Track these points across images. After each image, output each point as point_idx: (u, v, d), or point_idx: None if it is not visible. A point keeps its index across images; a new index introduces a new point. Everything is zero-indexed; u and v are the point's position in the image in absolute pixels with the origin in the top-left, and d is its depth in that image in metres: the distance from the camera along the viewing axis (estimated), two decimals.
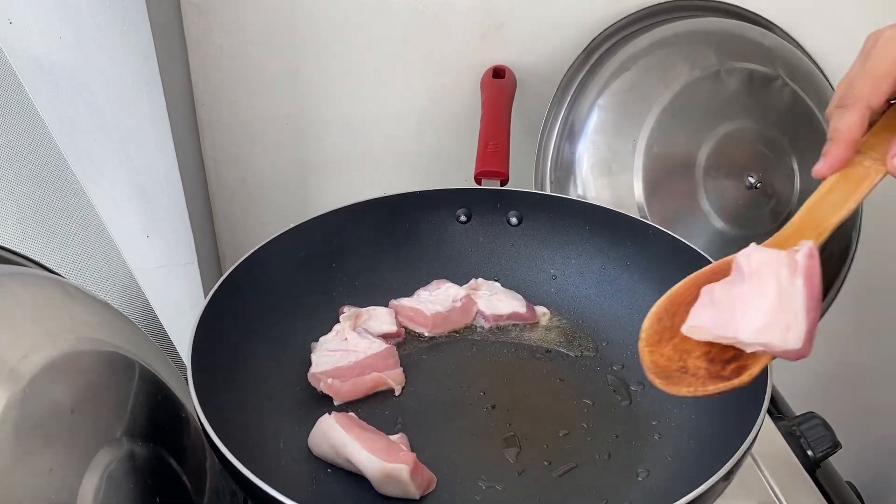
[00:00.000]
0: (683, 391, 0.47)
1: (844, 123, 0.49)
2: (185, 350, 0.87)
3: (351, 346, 0.67)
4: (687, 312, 0.48)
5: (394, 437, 0.60)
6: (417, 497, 0.56)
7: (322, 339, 0.69)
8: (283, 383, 0.66)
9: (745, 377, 0.46)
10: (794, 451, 0.69)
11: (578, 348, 0.71)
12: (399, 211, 0.78)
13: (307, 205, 1.02)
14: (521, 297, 0.75)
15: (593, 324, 0.74)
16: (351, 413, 0.63)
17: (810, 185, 0.90)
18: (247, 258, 0.68)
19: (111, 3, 0.77)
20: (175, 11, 0.87)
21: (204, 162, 0.97)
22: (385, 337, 0.71)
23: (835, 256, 0.95)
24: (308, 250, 0.73)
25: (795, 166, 0.89)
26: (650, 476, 0.59)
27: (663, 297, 0.51)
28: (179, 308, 0.95)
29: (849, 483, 0.75)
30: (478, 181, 0.80)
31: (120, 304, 0.79)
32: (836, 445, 0.68)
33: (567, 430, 0.63)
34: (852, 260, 0.98)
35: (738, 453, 0.50)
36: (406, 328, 0.73)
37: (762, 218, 0.88)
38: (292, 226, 0.73)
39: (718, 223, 0.86)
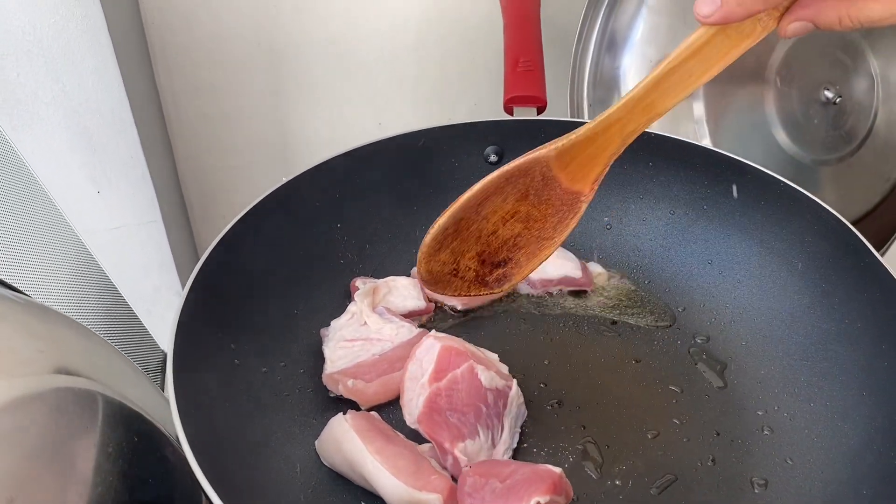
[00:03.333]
0: (448, 293, 0.49)
1: None
2: (154, 326, 0.74)
3: (373, 334, 0.53)
4: (479, 214, 0.48)
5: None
6: None
7: (334, 324, 0.55)
8: (293, 387, 0.52)
9: (506, 286, 0.49)
10: None
11: (650, 317, 0.58)
12: (415, 154, 0.63)
13: (286, 141, 0.86)
14: (572, 255, 0.61)
15: (663, 284, 0.61)
16: (373, 412, 0.50)
17: (892, 95, 0.77)
18: (229, 230, 0.53)
19: None
20: None
21: (159, 94, 0.79)
22: (411, 315, 0.57)
23: None
24: (305, 211, 0.58)
25: (876, 72, 0.75)
26: (769, 487, 0.47)
27: (456, 205, 0.47)
28: (145, 274, 0.79)
29: None
30: (508, 110, 0.64)
31: (68, 285, 0.64)
32: None
33: (657, 431, 0.50)
34: None
35: None
36: (435, 302, 0.59)
37: (837, 139, 0.75)
38: (282, 183, 0.57)
39: (787, 144, 0.73)
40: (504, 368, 0.49)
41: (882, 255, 0.84)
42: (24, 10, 0.63)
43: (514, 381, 0.48)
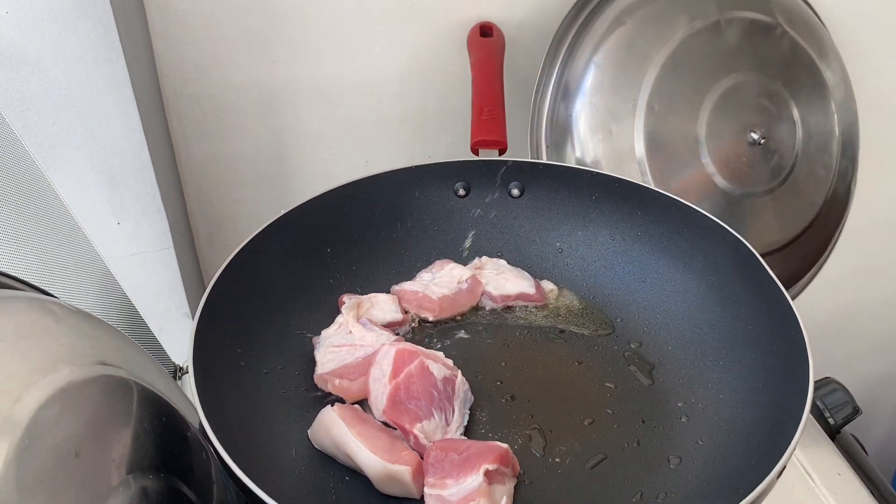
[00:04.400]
0: None
1: None
2: (164, 341, 0.84)
3: (357, 340, 0.63)
4: None
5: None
6: (419, 497, 0.54)
7: (324, 332, 0.65)
8: (290, 385, 0.61)
9: None
10: (815, 418, 0.68)
11: (593, 326, 0.68)
12: (393, 189, 0.73)
13: (285, 177, 0.96)
14: (528, 275, 0.71)
15: (605, 299, 0.71)
16: (356, 405, 0.60)
17: (813, 140, 0.89)
18: (235, 255, 0.63)
19: None
20: None
21: (171, 137, 0.90)
22: (390, 326, 0.67)
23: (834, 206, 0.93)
24: (300, 239, 0.68)
25: (797, 117, 0.86)
26: (683, 463, 0.57)
27: None
28: (157, 295, 0.89)
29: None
30: (475, 151, 0.75)
31: (98, 301, 0.74)
32: (856, 412, 0.67)
33: (592, 419, 0.60)
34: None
35: (788, 450, 0.48)
36: (410, 314, 0.69)
37: (764, 174, 0.85)
38: (280, 214, 0.67)
39: (720, 181, 0.83)
40: (449, 362, 0.59)
41: (813, 276, 0.95)
42: (60, 71, 0.73)
43: (459, 370, 0.58)
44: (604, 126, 0.81)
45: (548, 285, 0.72)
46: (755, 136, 0.83)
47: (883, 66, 1.05)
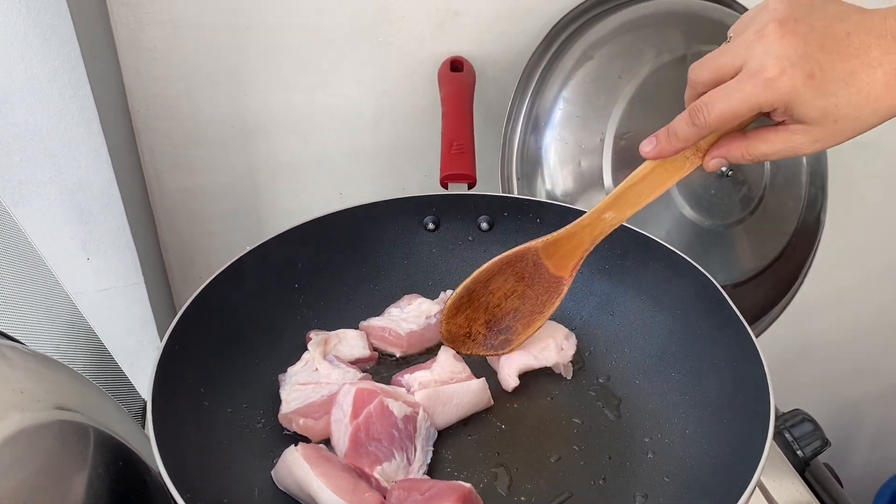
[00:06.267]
0: (463, 350, 0.66)
1: (685, 134, 0.52)
2: (136, 377, 0.83)
3: (323, 378, 0.63)
4: (487, 288, 0.63)
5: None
6: None
7: (290, 370, 0.65)
8: (255, 425, 0.61)
9: (507, 349, 0.66)
10: (782, 451, 0.67)
11: None
12: (362, 223, 0.73)
13: (258, 211, 0.96)
14: None
15: (574, 333, 0.70)
16: (321, 445, 0.59)
17: (781, 171, 0.89)
18: (202, 290, 0.63)
19: (28, 7, 0.69)
20: (101, 11, 0.79)
21: (143, 171, 0.90)
22: (357, 362, 0.66)
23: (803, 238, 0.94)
24: (267, 274, 0.68)
25: None
26: (649, 500, 0.56)
27: (469, 279, 0.63)
28: (128, 330, 0.88)
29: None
30: (444, 185, 0.75)
31: (63, 339, 0.73)
32: (825, 444, 0.67)
33: (559, 455, 0.60)
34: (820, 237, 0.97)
35: (748, 489, 0.48)
36: (378, 350, 0.69)
37: (733, 206, 0.86)
38: (248, 249, 0.67)
39: (689, 213, 0.84)
40: (412, 398, 0.59)
41: (785, 305, 0.96)
42: (27, 107, 0.73)
43: (421, 407, 0.58)
44: (573, 159, 0.82)
45: None
46: (723, 168, 0.84)
47: None
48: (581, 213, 0.70)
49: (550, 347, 0.66)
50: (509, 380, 0.65)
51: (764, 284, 0.90)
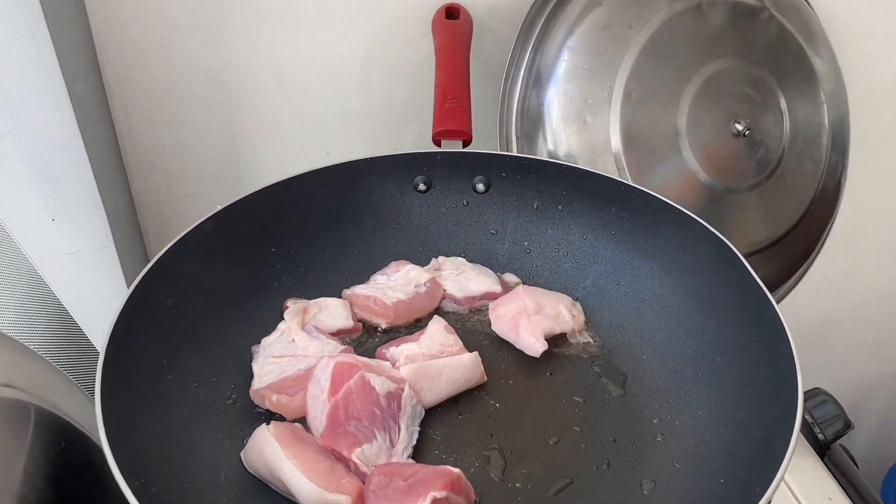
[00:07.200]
0: None
1: None
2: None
3: (300, 350, 0.57)
4: None
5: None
6: None
7: (264, 341, 0.59)
8: (223, 401, 0.55)
9: None
10: (802, 434, 0.62)
11: None
12: (347, 181, 0.67)
13: (238, 170, 0.90)
14: (491, 272, 0.66)
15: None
16: (296, 424, 0.53)
17: (799, 129, 0.83)
18: (168, 250, 0.58)
19: None
20: None
21: (115, 127, 0.83)
22: (339, 334, 0.61)
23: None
24: (242, 234, 0.62)
25: (784, 107, 0.81)
26: (657, 489, 0.51)
27: None
28: (99, 297, 0.83)
29: None
30: (436, 142, 0.69)
31: (18, 304, 0.67)
32: (847, 426, 0.61)
33: (558, 438, 0.54)
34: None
35: (776, 477, 0.42)
36: (363, 321, 0.63)
37: (748, 168, 0.80)
38: (221, 207, 0.61)
39: (703, 175, 0.78)
40: (397, 373, 0.53)
41: (800, 277, 0.90)
42: None
43: (407, 383, 0.52)
44: (578, 116, 0.75)
45: (511, 278, 0.66)
46: (739, 126, 0.77)
47: (875, 57, 0.99)
48: (589, 173, 0.65)
49: (564, 314, 0.61)
50: (536, 344, 0.59)
51: (778, 255, 0.84)
